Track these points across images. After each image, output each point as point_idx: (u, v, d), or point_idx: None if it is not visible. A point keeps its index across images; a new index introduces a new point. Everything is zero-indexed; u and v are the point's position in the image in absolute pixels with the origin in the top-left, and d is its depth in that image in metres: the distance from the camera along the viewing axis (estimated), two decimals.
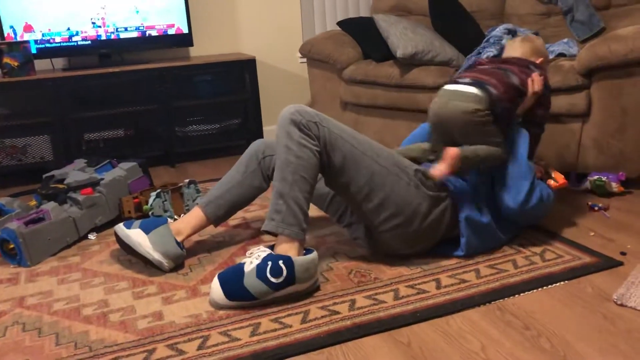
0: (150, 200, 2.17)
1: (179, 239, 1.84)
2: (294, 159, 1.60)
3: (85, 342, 1.44)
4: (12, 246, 1.95)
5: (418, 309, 1.50)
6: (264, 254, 1.56)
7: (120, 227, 1.84)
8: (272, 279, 1.52)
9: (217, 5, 3.46)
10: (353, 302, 1.56)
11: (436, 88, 2.68)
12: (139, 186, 2.33)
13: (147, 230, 1.81)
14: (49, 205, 2.05)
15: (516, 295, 1.55)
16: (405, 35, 2.73)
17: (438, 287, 1.61)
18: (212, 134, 3.27)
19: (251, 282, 1.53)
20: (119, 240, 1.84)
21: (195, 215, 1.91)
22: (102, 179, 2.22)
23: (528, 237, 1.92)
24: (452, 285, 1.62)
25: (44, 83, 2.85)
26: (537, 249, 1.82)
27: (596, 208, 2.15)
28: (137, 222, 1.84)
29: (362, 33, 3.03)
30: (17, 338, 1.49)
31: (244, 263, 1.57)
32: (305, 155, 1.61)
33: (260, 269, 1.53)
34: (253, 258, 1.57)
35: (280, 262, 1.53)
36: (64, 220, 2.05)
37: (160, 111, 3.09)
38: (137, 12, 3.11)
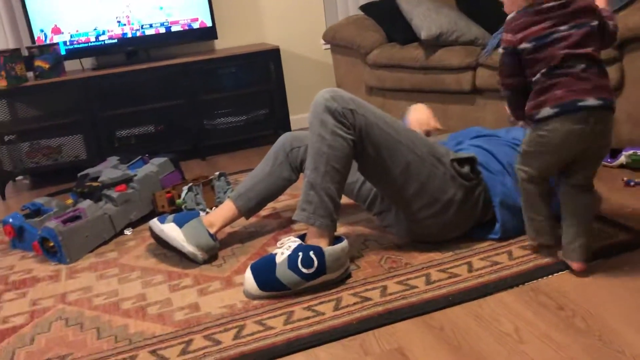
0: (183, 194, 2.21)
1: (212, 231, 1.87)
2: (327, 149, 1.59)
3: (125, 335, 1.49)
4: (52, 244, 2.01)
5: (450, 293, 1.50)
6: (294, 245, 1.58)
7: (154, 222, 1.88)
8: (304, 270, 1.54)
9: None
10: (384, 288, 1.56)
11: (462, 68, 2.65)
12: (171, 181, 2.37)
13: (180, 224, 1.84)
14: (85, 203, 2.11)
15: (549, 276, 1.53)
16: (429, 16, 2.70)
17: (470, 270, 1.61)
18: (240, 125, 3.30)
19: (283, 273, 1.55)
20: (154, 234, 1.88)
21: (226, 208, 1.94)
22: (135, 175, 2.27)
23: None
24: (484, 268, 1.61)
25: (75, 83, 2.92)
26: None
27: (632, 183, 2.09)
28: (171, 217, 1.88)
29: (385, 16, 3.00)
30: (61, 333, 1.55)
31: (275, 254, 1.59)
32: (339, 144, 1.59)
33: (291, 260, 1.54)
34: (284, 248, 1.58)
35: (311, 252, 1.54)
36: (100, 217, 2.10)
37: (188, 105, 3.13)
38: (161, 8, 3.14)
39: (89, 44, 3.07)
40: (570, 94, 1.40)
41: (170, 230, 1.84)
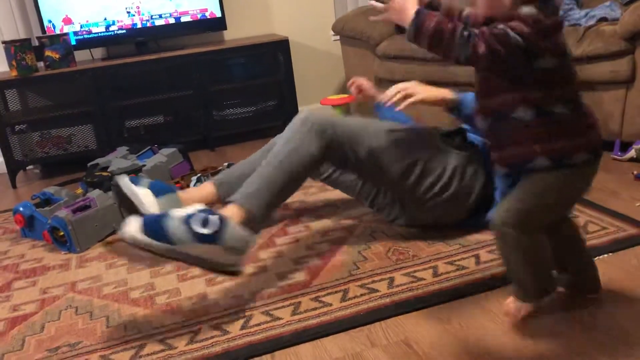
0: (192, 185, 2.22)
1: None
2: (290, 150, 1.60)
3: (134, 324, 1.50)
4: (62, 233, 2.03)
5: (457, 285, 1.50)
6: (201, 208, 1.43)
7: (124, 179, 1.74)
8: (197, 228, 1.36)
9: None
10: (392, 279, 1.57)
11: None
12: (180, 171, 2.38)
13: (156, 192, 1.73)
14: (95, 193, 2.12)
15: None
16: None
17: (477, 263, 1.61)
18: (249, 116, 3.30)
19: (173, 223, 1.36)
20: (119, 191, 1.72)
21: (206, 191, 1.87)
22: (144, 165, 2.28)
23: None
24: (492, 261, 1.61)
25: (85, 73, 2.93)
26: (580, 221, 1.78)
27: None
28: (146, 181, 1.76)
29: None
30: (71, 321, 1.57)
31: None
32: (304, 150, 1.61)
33: (189, 216, 1.38)
34: (188, 208, 1.42)
35: (215, 216, 1.40)
36: (109, 207, 2.11)
37: (197, 96, 3.13)
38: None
39: (99, 34, 3.08)
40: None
41: (144, 195, 1.71)
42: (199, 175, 2.25)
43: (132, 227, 1.37)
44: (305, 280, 1.62)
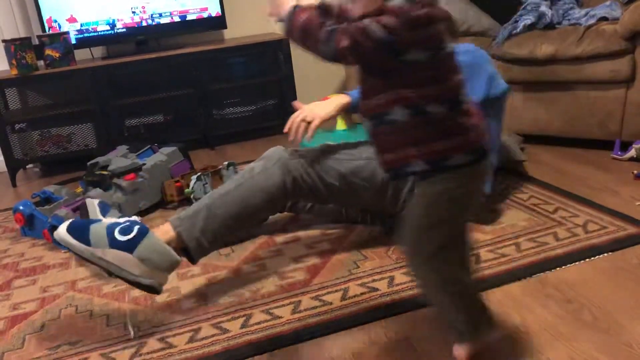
0: (192, 184, 2.21)
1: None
2: (246, 179, 1.54)
3: (134, 323, 1.50)
4: None
5: None
6: (134, 220, 1.43)
7: (93, 203, 1.75)
8: (117, 234, 1.36)
9: None
10: (392, 278, 1.57)
11: None
12: (180, 170, 2.38)
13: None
14: (95, 192, 2.12)
15: (558, 268, 1.53)
16: None
17: (477, 262, 1.61)
18: (249, 115, 3.30)
19: (97, 228, 1.37)
20: (84, 211, 1.76)
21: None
22: (144, 164, 2.28)
23: (570, 209, 1.88)
24: (492, 259, 1.61)
25: (84, 72, 2.92)
26: (580, 221, 1.78)
27: None
28: (116, 212, 1.76)
29: None
30: (71, 320, 1.57)
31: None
32: (262, 181, 1.55)
33: (116, 223, 1.39)
34: (122, 219, 1.43)
35: (137, 226, 1.39)
36: (103, 202, 2.11)
37: (197, 95, 3.13)
38: None
39: (99, 32, 3.07)
40: None
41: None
42: (199, 174, 2.24)
43: (63, 226, 1.37)
44: (305, 279, 1.62)
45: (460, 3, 2.75)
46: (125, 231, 1.36)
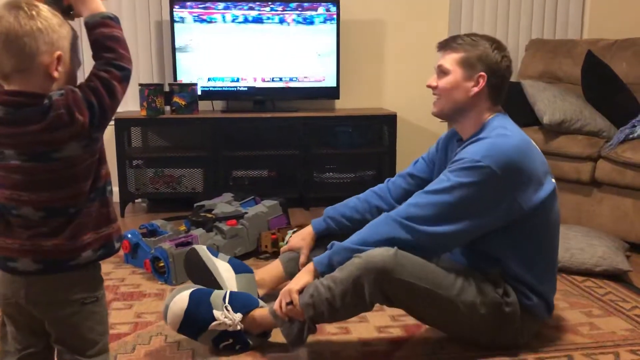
0: (287, 238, 2.29)
1: (261, 292, 1.86)
2: (338, 303, 1.47)
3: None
4: (162, 264, 2.15)
5: None
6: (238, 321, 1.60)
7: (203, 248, 1.89)
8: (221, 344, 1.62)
9: (365, 63, 3.63)
10: None
11: (583, 158, 2.59)
12: (277, 223, 2.47)
13: (236, 269, 1.85)
14: (198, 232, 2.25)
15: None
16: (553, 102, 2.69)
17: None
18: (347, 182, 3.39)
19: (206, 336, 1.60)
20: (196, 258, 1.88)
21: (275, 270, 1.92)
22: (246, 213, 2.39)
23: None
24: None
25: (204, 122, 3.16)
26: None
27: None
28: (225, 256, 1.90)
29: (507, 97, 3.01)
30: (159, 347, 1.65)
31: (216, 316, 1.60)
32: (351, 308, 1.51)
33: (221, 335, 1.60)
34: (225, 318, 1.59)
35: (237, 346, 1.62)
36: (209, 246, 2.22)
37: (301, 156, 3.27)
38: (292, 65, 3.36)
39: (223, 88, 3.33)
40: None
41: (224, 270, 1.83)
42: (294, 230, 2.32)
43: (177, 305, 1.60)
44: (387, 350, 1.61)
45: (576, 101, 2.74)
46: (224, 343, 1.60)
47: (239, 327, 1.59)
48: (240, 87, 3.34)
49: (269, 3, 3.26)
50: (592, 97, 2.80)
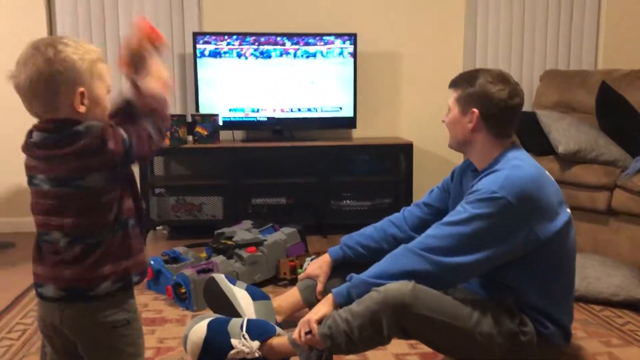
0: (305, 265, 2.33)
1: (279, 319, 1.89)
2: (356, 336, 1.48)
3: None
4: (183, 290, 2.20)
5: None
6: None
7: (221, 277, 1.93)
8: None
9: (381, 94, 3.71)
10: None
11: (599, 187, 2.61)
12: (295, 251, 2.52)
13: (253, 296, 1.89)
14: (218, 259, 2.30)
15: None
16: (568, 132, 2.72)
17: None
18: (363, 210, 3.43)
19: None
20: (215, 287, 1.92)
21: (293, 298, 1.94)
22: (265, 240, 2.44)
23: None
24: None
25: (225, 151, 3.24)
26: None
27: None
28: (243, 284, 1.94)
29: (522, 126, 3.05)
30: None
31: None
32: (369, 341, 1.52)
33: None
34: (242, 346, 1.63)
35: None
36: (229, 273, 2.27)
37: (319, 184, 3.33)
38: (311, 96, 3.45)
39: (243, 118, 3.42)
40: None
41: (242, 297, 1.86)
42: (312, 257, 2.36)
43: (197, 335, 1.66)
44: None
45: (590, 131, 2.77)
46: None
47: (256, 355, 1.63)
48: (260, 117, 3.43)
49: (289, 37, 3.36)
50: (607, 127, 2.83)
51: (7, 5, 3.35)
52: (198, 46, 3.31)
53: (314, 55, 3.41)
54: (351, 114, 3.49)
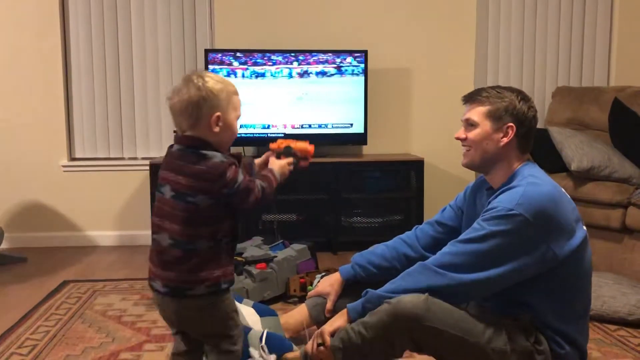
0: (315, 282, 2.31)
1: (287, 335, 1.88)
2: (368, 349, 1.48)
3: None
4: None
5: None
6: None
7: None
8: None
9: (392, 110, 3.71)
10: None
11: (612, 205, 2.58)
12: (306, 267, 2.50)
13: (260, 313, 1.88)
14: None
15: None
16: (581, 149, 2.70)
17: None
18: (374, 226, 3.42)
19: None
20: None
21: (301, 315, 1.92)
22: (276, 256, 2.43)
23: None
24: None
25: None
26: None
27: None
28: (248, 301, 1.94)
29: (535, 144, 3.04)
30: None
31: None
32: (381, 354, 1.51)
33: None
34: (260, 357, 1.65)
35: None
36: (238, 290, 2.26)
37: (329, 201, 3.32)
38: (321, 112, 3.46)
39: (254, 134, 3.43)
40: None
41: (248, 314, 1.85)
42: (323, 274, 2.34)
43: None
44: None
45: (604, 148, 2.75)
46: None
47: None
48: (270, 133, 3.44)
49: (300, 54, 3.38)
50: (620, 144, 2.81)
51: (22, 19, 3.40)
52: (210, 66, 3.33)
53: (325, 72, 3.42)
54: (362, 130, 3.49)
